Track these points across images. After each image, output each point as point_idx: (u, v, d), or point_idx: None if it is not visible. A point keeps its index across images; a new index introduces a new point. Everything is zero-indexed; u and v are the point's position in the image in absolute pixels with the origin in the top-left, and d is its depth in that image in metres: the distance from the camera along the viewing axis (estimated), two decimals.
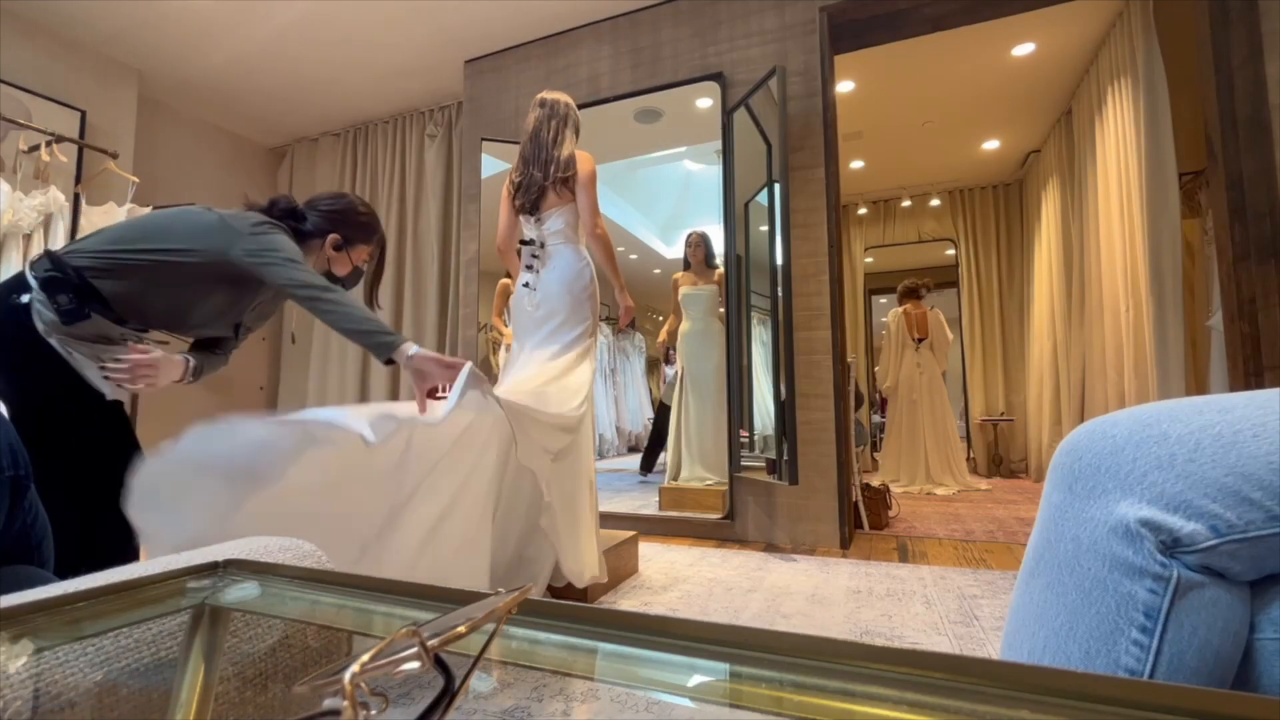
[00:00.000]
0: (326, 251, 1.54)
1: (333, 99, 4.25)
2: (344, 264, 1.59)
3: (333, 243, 1.54)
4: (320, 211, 1.53)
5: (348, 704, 0.22)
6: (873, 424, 5.99)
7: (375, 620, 0.42)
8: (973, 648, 1.53)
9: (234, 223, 1.35)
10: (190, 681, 0.44)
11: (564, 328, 2.00)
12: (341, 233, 1.54)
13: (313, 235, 1.52)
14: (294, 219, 1.49)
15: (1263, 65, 2.17)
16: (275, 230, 1.38)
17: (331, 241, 1.53)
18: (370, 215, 1.60)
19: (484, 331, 3.66)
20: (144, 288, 1.33)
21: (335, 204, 1.55)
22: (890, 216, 6.06)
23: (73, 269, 1.27)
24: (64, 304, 1.26)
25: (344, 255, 1.57)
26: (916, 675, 0.27)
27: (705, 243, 3.69)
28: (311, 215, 1.52)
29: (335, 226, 1.53)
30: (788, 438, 2.55)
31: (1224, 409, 0.45)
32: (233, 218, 1.37)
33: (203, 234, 1.34)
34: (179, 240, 1.33)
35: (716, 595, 1.96)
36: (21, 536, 0.87)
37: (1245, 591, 0.44)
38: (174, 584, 0.47)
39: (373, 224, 1.61)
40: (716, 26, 3.13)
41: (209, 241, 1.33)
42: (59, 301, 1.26)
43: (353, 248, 1.57)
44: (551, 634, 0.35)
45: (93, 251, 1.30)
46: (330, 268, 1.57)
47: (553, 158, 2.01)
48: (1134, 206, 3.05)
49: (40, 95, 3.28)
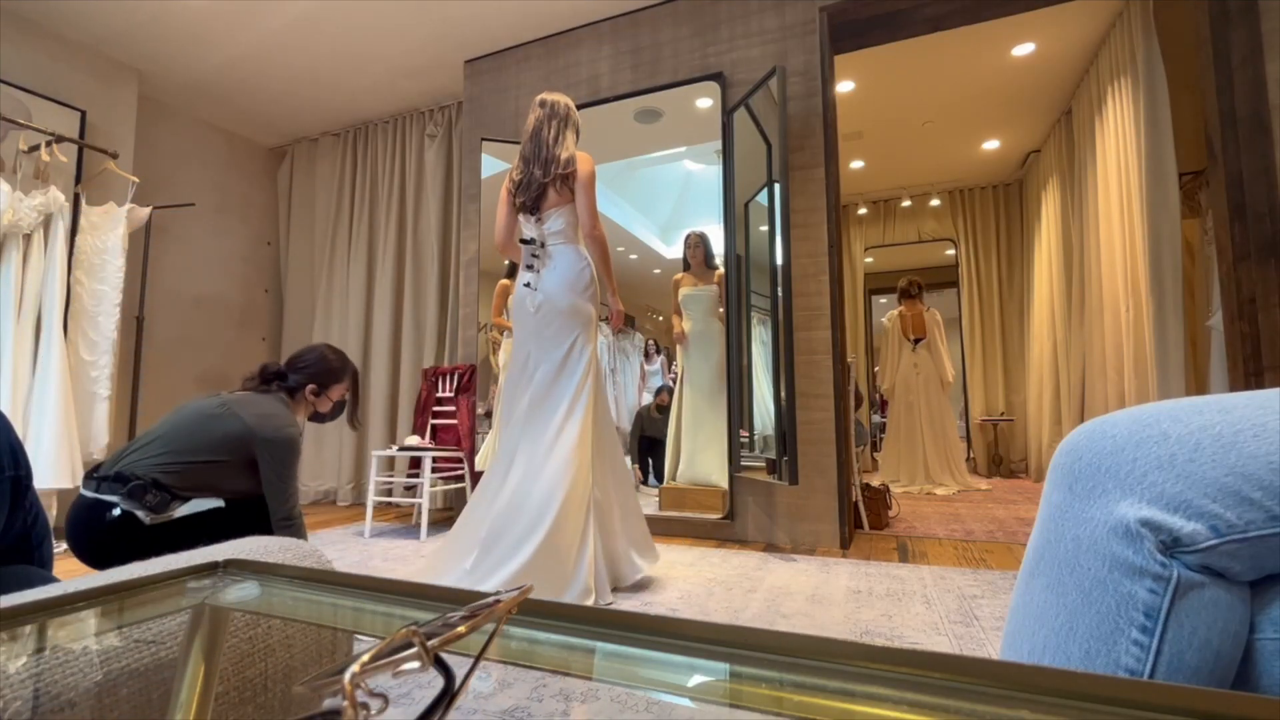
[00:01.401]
0: (309, 397, 1.89)
1: (333, 99, 4.25)
2: (325, 404, 1.94)
3: (311, 391, 1.89)
4: (298, 370, 1.88)
5: (348, 704, 0.22)
6: (873, 424, 5.99)
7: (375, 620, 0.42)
8: (973, 648, 1.53)
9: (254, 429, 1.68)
10: (190, 681, 0.44)
11: (565, 328, 2.00)
12: (317, 382, 1.89)
13: (297, 389, 1.87)
14: (280, 379, 1.85)
15: (1263, 65, 2.17)
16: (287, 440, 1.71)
17: (310, 391, 1.88)
18: (340, 360, 1.95)
19: (484, 331, 3.66)
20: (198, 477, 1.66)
21: (309, 360, 1.90)
22: (890, 216, 6.06)
23: (146, 478, 1.60)
24: (152, 501, 1.59)
25: (324, 398, 1.92)
26: (916, 675, 0.27)
27: (705, 243, 3.68)
28: (293, 375, 1.87)
29: (313, 378, 1.88)
30: (788, 438, 2.55)
31: (1224, 409, 0.45)
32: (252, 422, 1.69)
33: (232, 446, 1.67)
34: (213, 454, 1.66)
35: (716, 595, 1.96)
36: (22, 536, 0.87)
37: (1245, 591, 0.44)
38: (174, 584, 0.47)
39: (343, 367, 1.96)
40: (716, 26, 3.13)
41: (237, 449, 1.68)
42: (147, 501, 1.58)
43: (329, 389, 1.92)
44: (551, 634, 0.35)
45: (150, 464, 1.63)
46: (316, 408, 1.93)
47: (553, 157, 2.02)
48: (1134, 206, 3.05)
49: (40, 95, 3.28)
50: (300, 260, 4.75)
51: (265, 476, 1.68)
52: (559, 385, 1.99)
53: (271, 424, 1.72)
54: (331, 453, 4.31)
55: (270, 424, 1.71)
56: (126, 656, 0.43)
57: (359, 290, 4.37)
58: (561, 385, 1.99)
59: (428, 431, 3.62)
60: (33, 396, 2.89)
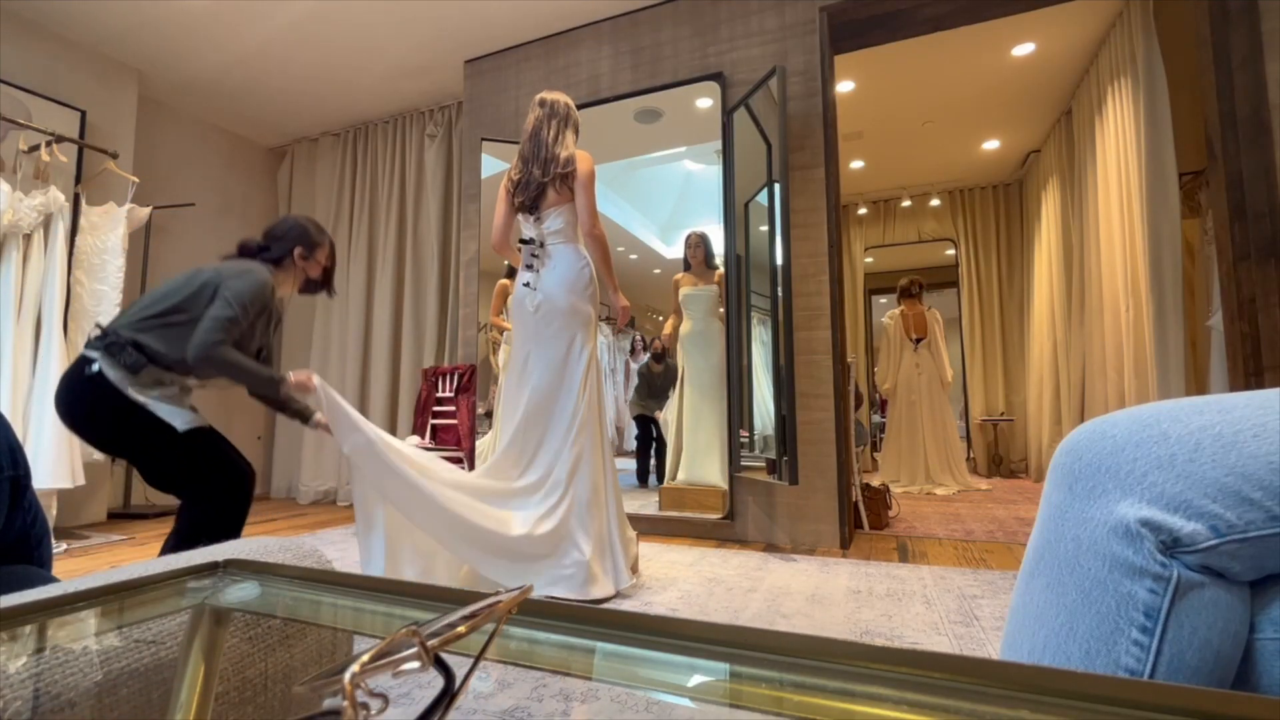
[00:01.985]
0: (298, 262, 1.88)
1: (333, 99, 4.25)
2: (315, 269, 1.93)
3: (300, 255, 1.88)
4: (280, 239, 1.87)
5: (348, 704, 0.22)
6: (873, 424, 5.99)
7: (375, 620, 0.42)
8: (973, 648, 1.53)
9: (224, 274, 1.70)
10: (190, 681, 0.44)
11: (565, 328, 2.00)
12: (301, 246, 1.88)
13: (283, 256, 1.86)
14: (263, 251, 1.85)
15: (1263, 65, 2.17)
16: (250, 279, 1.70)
17: (299, 255, 1.88)
18: (318, 226, 1.96)
19: (484, 331, 3.66)
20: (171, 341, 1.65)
21: (287, 227, 1.90)
22: (890, 216, 6.06)
23: (125, 337, 1.61)
24: (127, 360, 1.60)
25: (313, 261, 1.91)
26: (916, 675, 0.27)
27: (705, 243, 3.68)
28: (274, 244, 1.87)
29: (294, 243, 1.88)
30: (788, 438, 2.55)
31: (1224, 409, 0.45)
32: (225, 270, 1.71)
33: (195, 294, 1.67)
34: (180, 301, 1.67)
35: (716, 595, 1.96)
36: (21, 536, 0.87)
37: (1245, 591, 0.44)
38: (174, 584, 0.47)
39: (323, 231, 1.96)
40: (716, 26, 3.13)
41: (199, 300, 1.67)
42: (124, 359, 1.60)
43: (314, 254, 1.92)
44: (551, 634, 0.35)
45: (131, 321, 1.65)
46: (307, 273, 1.92)
47: (553, 156, 2.01)
48: (1134, 206, 3.05)
49: (40, 95, 3.28)
50: None
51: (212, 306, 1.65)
52: (560, 386, 1.99)
53: (240, 266, 1.73)
54: (331, 453, 4.31)
55: (239, 266, 1.73)
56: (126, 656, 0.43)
57: (359, 290, 4.37)
58: (563, 385, 1.99)
59: (428, 431, 3.62)
60: (33, 396, 2.89)
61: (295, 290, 1.94)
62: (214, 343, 1.61)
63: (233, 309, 1.65)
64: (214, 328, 1.62)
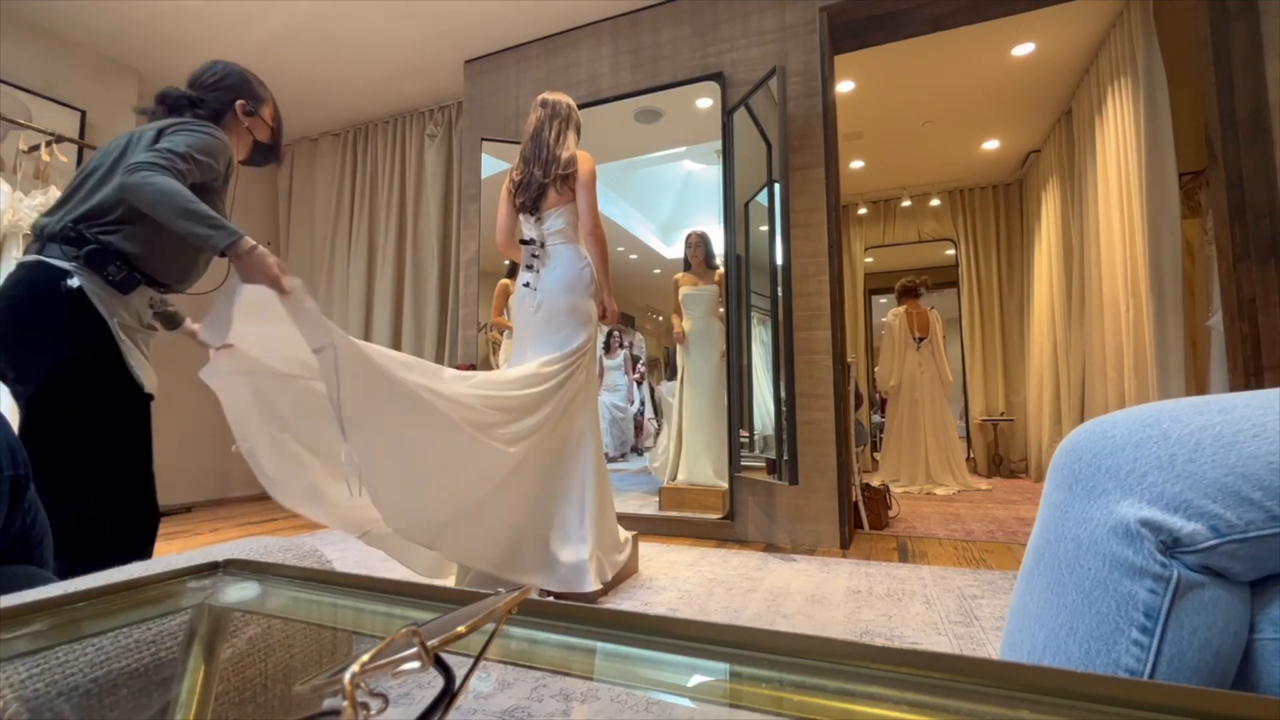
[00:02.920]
0: (242, 121, 1.52)
1: (332, 99, 4.25)
2: (261, 128, 1.57)
3: (242, 109, 1.52)
4: (212, 87, 1.50)
5: (348, 704, 0.22)
6: (873, 424, 5.99)
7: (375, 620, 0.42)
8: (973, 648, 1.53)
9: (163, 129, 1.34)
10: (190, 681, 0.44)
11: (565, 328, 2.00)
12: (242, 97, 1.52)
13: (221, 113, 1.49)
14: (192, 105, 1.47)
15: (1263, 65, 2.17)
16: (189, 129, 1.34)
17: (241, 108, 1.51)
18: (252, 73, 1.61)
19: (484, 331, 3.66)
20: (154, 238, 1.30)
21: (221, 71, 1.53)
22: (890, 216, 6.06)
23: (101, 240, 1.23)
24: (114, 275, 1.23)
25: (257, 119, 1.56)
26: (916, 675, 0.27)
27: (705, 243, 3.69)
28: (208, 95, 1.49)
29: (235, 94, 1.52)
30: (788, 438, 2.55)
31: (1224, 409, 0.45)
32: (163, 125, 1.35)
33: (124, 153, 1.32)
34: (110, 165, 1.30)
35: (716, 595, 1.96)
36: (21, 536, 0.87)
37: (1245, 591, 0.44)
38: (174, 584, 0.47)
39: (259, 80, 1.61)
40: (716, 26, 3.13)
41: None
42: (109, 273, 1.23)
43: (261, 108, 1.56)
44: (551, 634, 0.35)
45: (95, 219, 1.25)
46: (254, 136, 1.56)
47: (554, 157, 2.02)
48: (1134, 206, 3.05)
49: (40, 95, 3.28)
50: (300, 260, 4.75)
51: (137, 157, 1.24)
52: (560, 385, 1.99)
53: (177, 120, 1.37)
54: None
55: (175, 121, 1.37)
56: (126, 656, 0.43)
57: (359, 290, 4.37)
58: (562, 385, 1.99)
59: None
60: None
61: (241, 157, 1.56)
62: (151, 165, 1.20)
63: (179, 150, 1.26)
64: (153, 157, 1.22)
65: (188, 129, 1.33)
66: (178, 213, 1.18)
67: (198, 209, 1.20)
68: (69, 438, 1.19)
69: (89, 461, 1.21)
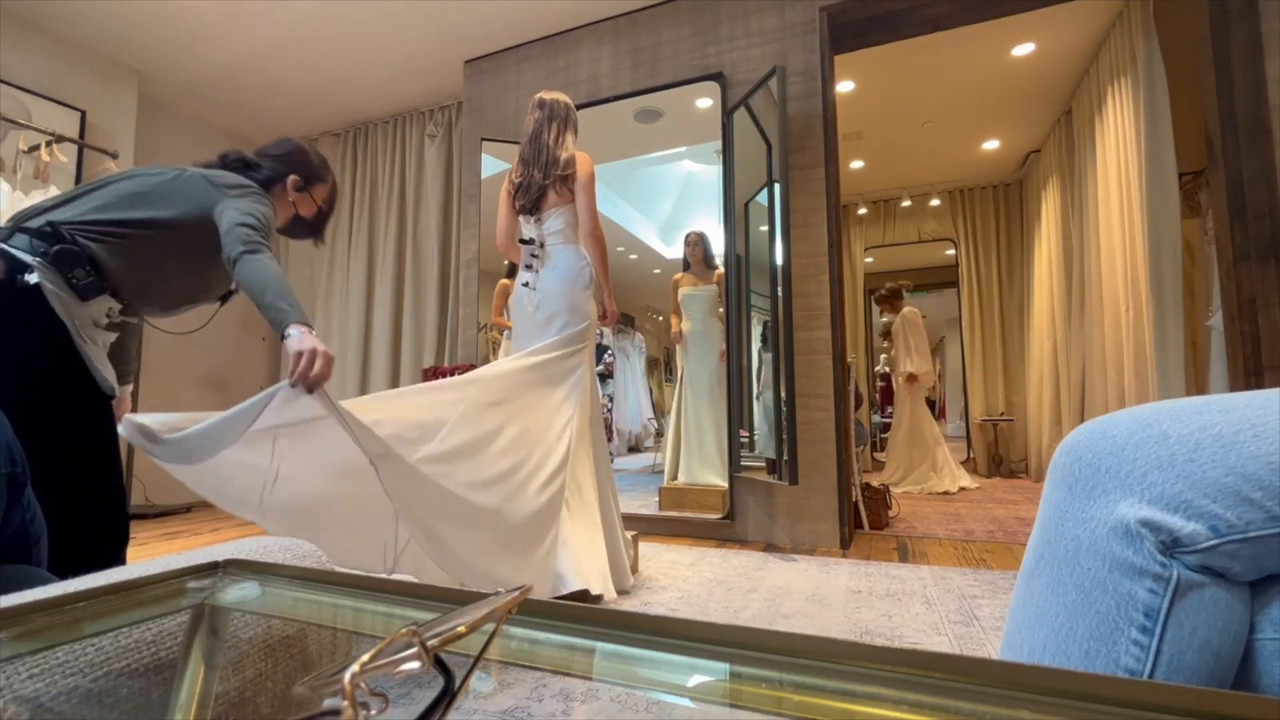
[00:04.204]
0: (290, 195, 1.54)
1: (333, 99, 4.25)
2: (308, 205, 1.58)
3: (294, 184, 1.53)
4: (273, 157, 1.54)
5: (348, 704, 0.22)
6: (873, 424, 5.99)
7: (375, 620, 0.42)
8: (973, 648, 1.53)
9: (217, 181, 1.35)
10: (190, 681, 0.44)
11: (565, 328, 2.00)
12: (300, 173, 1.55)
13: (272, 181, 1.51)
14: (250, 169, 1.49)
15: (1263, 65, 2.17)
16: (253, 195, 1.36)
17: (293, 183, 1.53)
18: (320, 157, 1.62)
19: (484, 331, 3.66)
20: (145, 262, 1.27)
21: (286, 147, 1.57)
22: (890, 216, 6.06)
23: (79, 243, 1.18)
24: (80, 279, 1.17)
25: (306, 196, 1.57)
26: (916, 675, 0.27)
27: (704, 243, 3.69)
28: (266, 162, 1.52)
29: (292, 169, 1.54)
30: (788, 438, 2.55)
31: (1224, 409, 0.45)
32: (215, 176, 1.36)
33: (195, 196, 1.31)
34: (173, 207, 1.29)
35: (716, 595, 1.96)
36: (19, 535, 0.87)
37: (1245, 591, 0.44)
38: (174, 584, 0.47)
39: (325, 163, 1.62)
40: (716, 26, 3.14)
41: (201, 203, 1.30)
42: (75, 276, 1.16)
43: (313, 186, 1.58)
44: (551, 634, 0.35)
45: (87, 222, 1.21)
46: (297, 211, 1.57)
47: (553, 159, 2.02)
48: (1134, 206, 3.05)
49: (40, 95, 3.28)
50: (300, 260, 4.75)
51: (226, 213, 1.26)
52: (559, 385, 1.99)
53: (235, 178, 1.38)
54: None
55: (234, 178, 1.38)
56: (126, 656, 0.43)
57: (359, 290, 4.37)
58: (562, 385, 1.99)
59: None
60: None
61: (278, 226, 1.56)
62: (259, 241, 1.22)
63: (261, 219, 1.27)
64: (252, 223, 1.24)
65: (253, 194, 1.35)
66: (275, 294, 1.21)
67: (291, 292, 1.23)
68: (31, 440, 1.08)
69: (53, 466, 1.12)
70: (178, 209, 1.30)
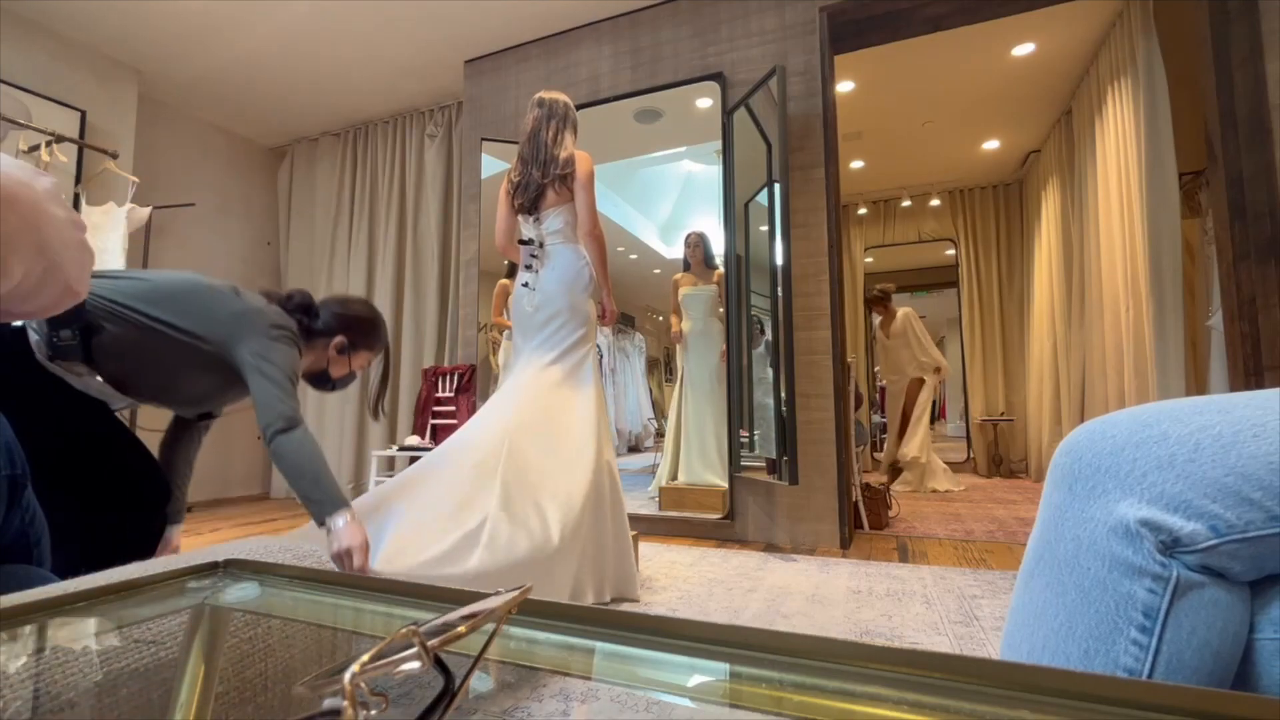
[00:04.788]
0: (330, 352, 1.53)
1: (333, 99, 4.25)
2: (342, 366, 1.57)
3: (338, 345, 1.52)
4: (334, 312, 1.53)
5: (348, 704, 0.22)
6: (873, 424, 5.98)
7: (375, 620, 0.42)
8: (973, 648, 1.53)
9: (253, 319, 1.32)
10: (190, 681, 0.44)
11: (564, 328, 2.00)
12: (350, 337, 1.53)
13: (321, 334, 1.51)
14: (306, 314, 1.49)
15: (1263, 65, 2.17)
16: (288, 342, 1.36)
17: (337, 344, 1.52)
18: (380, 324, 1.60)
19: (484, 331, 3.66)
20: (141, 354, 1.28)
21: (350, 308, 1.55)
22: (890, 216, 6.06)
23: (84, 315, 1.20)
24: (65, 339, 1.19)
25: (345, 359, 1.55)
26: (916, 675, 0.27)
27: (704, 243, 3.68)
28: (325, 314, 1.52)
29: (345, 329, 1.53)
30: (788, 438, 2.55)
31: (1224, 409, 0.45)
32: (254, 313, 1.34)
33: (219, 323, 1.31)
34: (192, 320, 1.29)
35: (716, 595, 1.96)
36: (20, 536, 0.87)
37: (1245, 591, 0.44)
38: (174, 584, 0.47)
39: (381, 333, 1.61)
40: (716, 26, 3.13)
41: (222, 331, 1.30)
42: (60, 335, 1.18)
43: (356, 353, 1.56)
44: (551, 634, 0.35)
45: (100, 295, 1.24)
46: (328, 367, 1.55)
47: (552, 158, 2.01)
48: (1134, 206, 3.05)
49: (40, 95, 3.28)
50: (300, 260, 4.75)
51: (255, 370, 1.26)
52: (562, 386, 1.99)
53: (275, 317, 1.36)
54: (331, 453, 4.31)
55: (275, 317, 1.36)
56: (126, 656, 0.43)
57: (359, 290, 4.37)
58: (564, 386, 1.99)
59: (428, 431, 3.62)
60: None
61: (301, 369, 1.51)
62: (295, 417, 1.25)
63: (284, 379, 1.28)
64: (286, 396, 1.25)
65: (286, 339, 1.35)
66: (310, 484, 1.24)
67: (325, 476, 1.26)
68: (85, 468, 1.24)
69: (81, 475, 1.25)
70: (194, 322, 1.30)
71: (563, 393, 1.95)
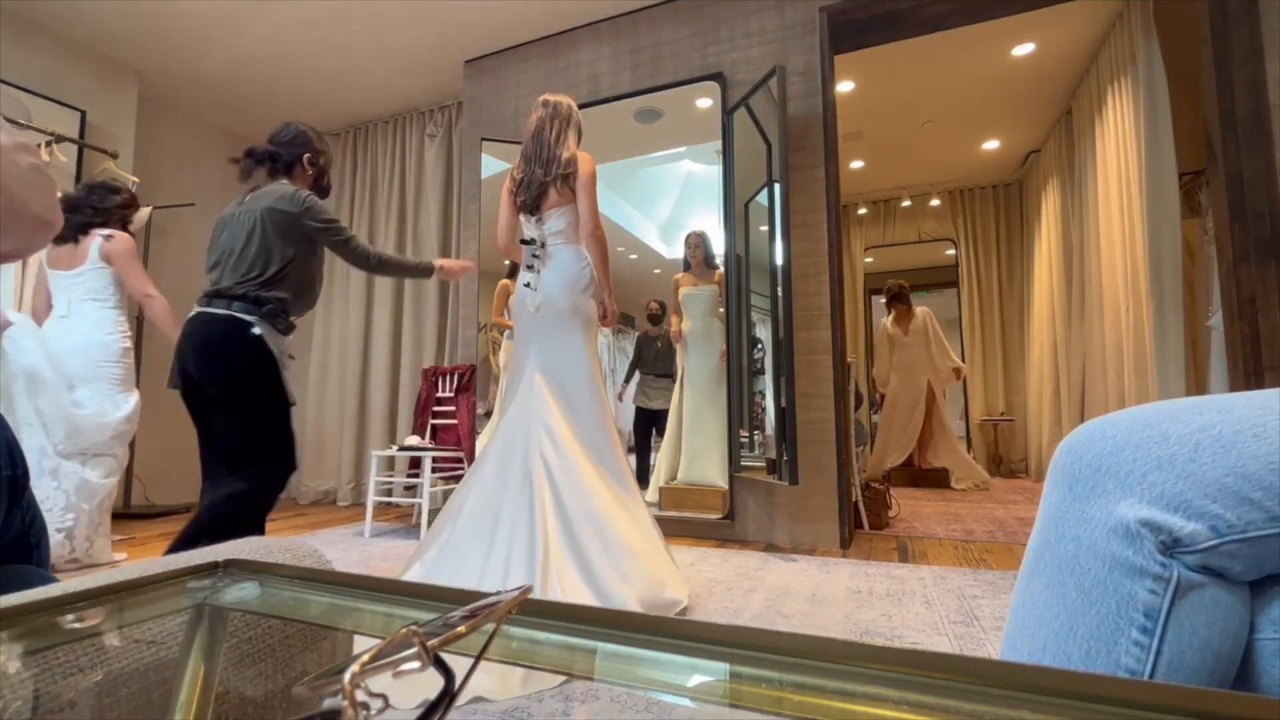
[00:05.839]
0: (307, 169, 1.90)
1: (333, 99, 4.25)
2: (320, 175, 1.95)
3: (309, 160, 1.90)
4: (286, 144, 1.89)
5: (348, 704, 0.22)
6: (873, 424, 5.98)
7: (375, 620, 0.42)
8: (973, 648, 1.53)
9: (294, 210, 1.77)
10: (190, 681, 0.44)
11: (565, 328, 2.00)
12: (311, 150, 1.91)
13: (294, 164, 1.88)
14: (272, 160, 1.86)
15: (1263, 65, 2.17)
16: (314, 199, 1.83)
17: (308, 159, 1.90)
18: (315, 130, 1.99)
19: (484, 331, 3.66)
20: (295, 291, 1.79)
21: (291, 134, 1.91)
22: (890, 216, 6.07)
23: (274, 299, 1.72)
24: (282, 325, 1.75)
25: (320, 167, 1.94)
26: (916, 675, 0.27)
27: (704, 243, 3.68)
28: (285, 150, 1.88)
29: (304, 147, 1.91)
30: (788, 438, 2.55)
31: (1224, 409, 0.45)
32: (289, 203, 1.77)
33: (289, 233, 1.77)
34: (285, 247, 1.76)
35: (716, 595, 1.96)
36: (20, 536, 0.87)
37: (1245, 591, 0.44)
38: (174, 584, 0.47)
39: (322, 137, 2.00)
40: (716, 26, 3.14)
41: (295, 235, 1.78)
42: (279, 325, 1.73)
43: (320, 159, 1.94)
44: (551, 634, 0.35)
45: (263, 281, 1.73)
46: (316, 180, 1.95)
47: (555, 157, 2.01)
48: (1134, 206, 3.05)
49: (40, 95, 3.28)
50: None
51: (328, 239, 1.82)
52: (564, 387, 1.99)
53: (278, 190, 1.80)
54: (332, 453, 4.31)
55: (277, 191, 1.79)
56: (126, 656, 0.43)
57: (359, 290, 4.37)
58: (566, 387, 1.99)
59: (428, 431, 3.62)
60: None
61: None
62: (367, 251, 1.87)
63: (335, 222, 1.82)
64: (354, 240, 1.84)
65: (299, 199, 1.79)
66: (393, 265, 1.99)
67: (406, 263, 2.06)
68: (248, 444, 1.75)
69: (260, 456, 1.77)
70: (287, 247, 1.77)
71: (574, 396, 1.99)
